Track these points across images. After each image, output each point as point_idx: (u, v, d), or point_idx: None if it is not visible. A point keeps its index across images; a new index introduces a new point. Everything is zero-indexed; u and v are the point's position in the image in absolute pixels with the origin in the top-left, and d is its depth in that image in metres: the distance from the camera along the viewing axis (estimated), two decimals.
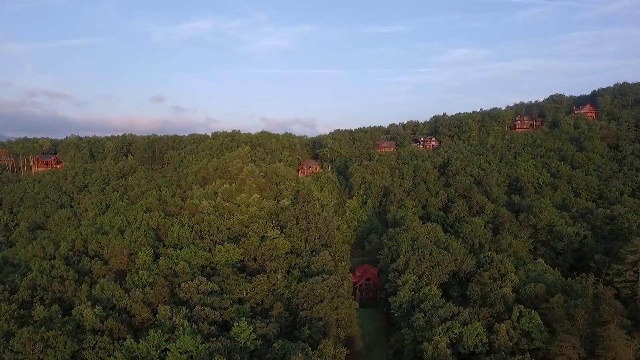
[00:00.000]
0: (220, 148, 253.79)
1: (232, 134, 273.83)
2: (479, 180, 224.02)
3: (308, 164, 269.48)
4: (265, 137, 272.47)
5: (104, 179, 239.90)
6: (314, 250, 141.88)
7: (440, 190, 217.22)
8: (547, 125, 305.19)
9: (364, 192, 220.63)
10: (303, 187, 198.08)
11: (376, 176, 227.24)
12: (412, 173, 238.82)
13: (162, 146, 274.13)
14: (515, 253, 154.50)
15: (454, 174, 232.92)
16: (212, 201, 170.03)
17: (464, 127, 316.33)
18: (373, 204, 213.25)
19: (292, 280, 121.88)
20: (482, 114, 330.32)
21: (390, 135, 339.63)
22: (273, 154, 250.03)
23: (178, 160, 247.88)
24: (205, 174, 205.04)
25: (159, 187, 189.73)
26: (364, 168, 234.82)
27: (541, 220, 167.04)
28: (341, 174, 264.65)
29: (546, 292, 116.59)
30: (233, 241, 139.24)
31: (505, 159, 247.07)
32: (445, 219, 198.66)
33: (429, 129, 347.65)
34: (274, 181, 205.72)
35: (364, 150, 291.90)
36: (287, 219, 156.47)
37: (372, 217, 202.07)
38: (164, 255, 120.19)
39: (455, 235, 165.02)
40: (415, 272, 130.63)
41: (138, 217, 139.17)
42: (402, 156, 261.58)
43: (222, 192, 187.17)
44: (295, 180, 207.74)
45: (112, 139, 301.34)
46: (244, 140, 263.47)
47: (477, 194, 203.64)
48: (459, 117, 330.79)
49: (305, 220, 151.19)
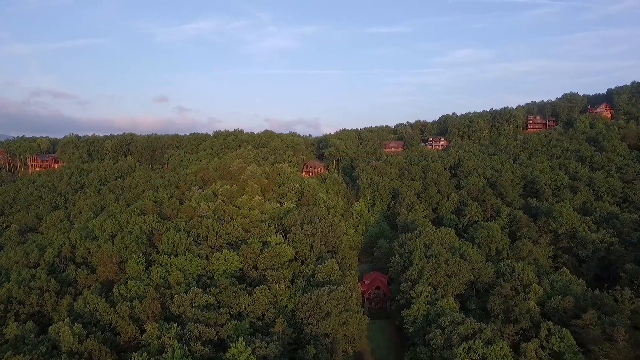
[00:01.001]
0: (221, 147, 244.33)
1: (235, 133, 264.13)
2: (492, 182, 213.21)
3: (313, 164, 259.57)
4: (269, 137, 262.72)
5: (101, 179, 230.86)
6: (319, 258, 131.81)
7: (452, 192, 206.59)
8: (561, 125, 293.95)
9: (371, 194, 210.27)
10: (308, 189, 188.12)
11: (384, 177, 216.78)
12: (421, 174, 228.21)
13: (162, 145, 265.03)
14: (536, 261, 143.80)
15: (465, 176, 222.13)
16: (211, 203, 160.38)
17: (474, 126, 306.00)
18: (381, 206, 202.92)
19: (296, 291, 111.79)
20: (492, 114, 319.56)
21: (398, 135, 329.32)
22: (276, 153, 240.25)
23: (178, 160, 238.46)
24: (205, 175, 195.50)
25: (156, 188, 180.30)
26: (371, 169, 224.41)
27: (562, 226, 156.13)
28: (347, 175, 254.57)
29: (575, 306, 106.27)
30: (233, 247, 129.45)
31: (519, 160, 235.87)
32: (457, 223, 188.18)
33: (437, 129, 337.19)
34: (277, 182, 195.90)
35: (370, 150, 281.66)
36: (290, 223, 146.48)
37: (380, 221, 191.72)
38: (156, 263, 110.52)
39: (470, 241, 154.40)
40: (430, 282, 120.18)
41: (131, 221, 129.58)
42: (410, 157, 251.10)
43: (222, 194, 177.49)
44: (299, 182, 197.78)
45: (111, 138, 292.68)
46: (247, 140, 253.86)
47: (491, 197, 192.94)
48: (468, 116, 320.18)
49: (310, 225, 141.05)
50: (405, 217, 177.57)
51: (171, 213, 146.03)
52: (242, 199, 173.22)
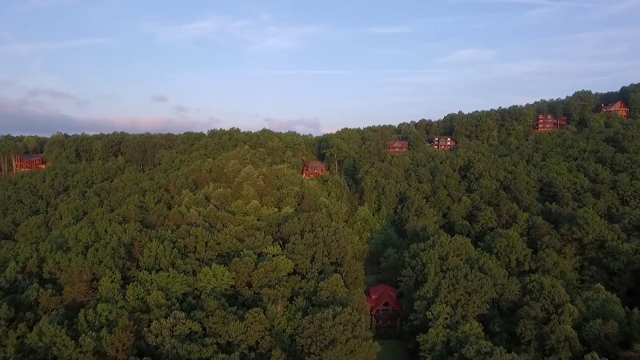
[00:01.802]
0: (216, 147, 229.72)
1: (230, 132, 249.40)
2: (505, 185, 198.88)
3: (313, 165, 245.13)
4: (267, 136, 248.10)
5: (87, 181, 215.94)
6: (322, 272, 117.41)
7: (463, 196, 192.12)
8: (574, 124, 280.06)
9: (376, 198, 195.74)
10: (308, 192, 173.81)
11: (390, 180, 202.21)
12: (429, 176, 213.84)
13: (153, 145, 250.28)
14: (563, 274, 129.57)
15: (476, 178, 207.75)
16: (202, 209, 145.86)
17: (482, 126, 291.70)
18: (387, 211, 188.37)
19: (296, 312, 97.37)
20: (500, 113, 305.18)
21: (402, 135, 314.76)
22: (275, 154, 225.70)
23: (169, 161, 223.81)
24: (197, 177, 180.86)
25: (143, 191, 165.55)
26: (376, 170, 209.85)
27: (588, 234, 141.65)
28: (350, 176, 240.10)
29: (619, 332, 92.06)
30: (224, 260, 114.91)
31: (533, 161, 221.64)
32: (470, 230, 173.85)
33: (443, 129, 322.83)
34: (275, 185, 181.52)
35: (374, 150, 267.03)
36: (289, 231, 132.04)
37: (387, 227, 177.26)
38: (135, 280, 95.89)
39: (487, 250, 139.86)
40: (448, 301, 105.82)
41: (109, 230, 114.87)
42: (417, 157, 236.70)
43: (215, 198, 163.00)
44: (299, 184, 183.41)
45: (101, 138, 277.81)
46: (243, 139, 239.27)
47: (506, 201, 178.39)
48: (475, 115, 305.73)
49: (311, 234, 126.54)
50: (415, 223, 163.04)
51: (157, 220, 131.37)
52: (236, 203, 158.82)
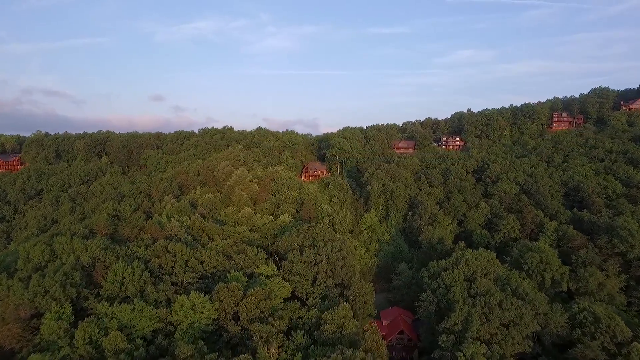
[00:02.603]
0: (207, 147, 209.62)
1: (223, 131, 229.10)
2: (526, 189, 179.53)
3: (313, 167, 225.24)
4: (262, 135, 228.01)
5: (64, 184, 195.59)
6: (325, 297, 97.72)
7: (481, 202, 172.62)
8: (591, 122, 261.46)
9: (384, 204, 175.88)
10: (308, 198, 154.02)
11: (399, 183, 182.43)
12: (441, 179, 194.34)
13: (139, 145, 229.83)
14: (611, 297, 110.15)
15: (493, 181, 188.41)
16: (185, 218, 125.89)
17: (492, 125, 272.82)
18: (396, 218, 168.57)
19: (294, 354, 77.53)
20: (512, 111, 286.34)
21: (407, 134, 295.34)
22: (271, 154, 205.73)
23: (154, 162, 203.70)
24: (183, 180, 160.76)
25: (121, 197, 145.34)
26: (383, 173, 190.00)
27: (634, 248, 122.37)
28: (353, 179, 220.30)
29: None
30: (207, 283, 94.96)
31: (554, 162, 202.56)
32: (489, 240, 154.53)
33: (450, 128, 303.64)
34: (271, 189, 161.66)
35: (378, 150, 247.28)
36: (287, 246, 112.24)
37: (396, 237, 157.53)
38: (91, 314, 75.87)
39: (516, 267, 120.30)
40: (481, 335, 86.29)
41: (67, 248, 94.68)
42: (426, 158, 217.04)
43: (202, 205, 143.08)
44: (298, 189, 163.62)
45: (84, 137, 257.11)
46: (237, 139, 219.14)
47: (530, 208, 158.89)
48: (486, 113, 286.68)
49: (312, 250, 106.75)
50: (431, 234, 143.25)
51: (130, 233, 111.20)
52: (226, 211, 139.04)
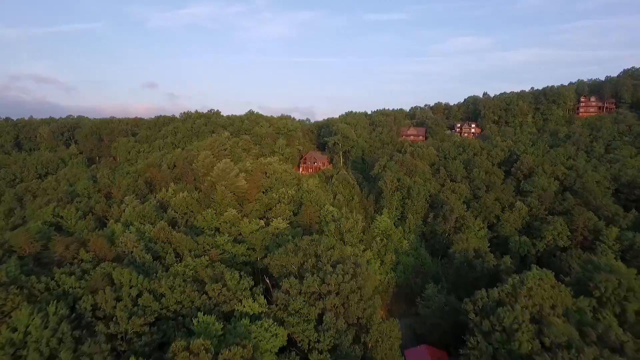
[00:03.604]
0: (188, 134, 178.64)
1: (208, 115, 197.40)
2: (566, 185, 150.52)
3: (313, 157, 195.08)
4: (253, 120, 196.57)
5: (14, 178, 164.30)
6: (336, 347, 68.35)
7: (516, 201, 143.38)
8: (625, 107, 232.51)
9: (399, 202, 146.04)
10: (308, 197, 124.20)
11: (416, 178, 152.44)
12: (464, 173, 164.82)
13: (111, 131, 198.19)
14: None
15: (525, 175, 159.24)
16: (149, 227, 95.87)
17: (512, 110, 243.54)
18: (415, 221, 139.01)
19: None
20: (534, 94, 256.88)
21: (417, 120, 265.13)
22: (263, 143, 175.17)
23: (125, 152, 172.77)
24: (153, 175, 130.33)
25: (72, 197, 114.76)
26: (397, 165, 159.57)
27: None
28: (358, 171, 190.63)
29: None
30: (165, 330, 65.28)
31: (594, 153, 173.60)
32: (529, 249, 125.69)
33: (464, 113, 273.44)
34: (262, 186, 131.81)
35: (387, 139, 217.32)
36: (281, 267, 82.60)
37: (417, 245, 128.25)
38: None
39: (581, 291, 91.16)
40: None
41: None
42: (444, 148, 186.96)
43: (174, 207, 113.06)
44: (295, 185, 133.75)
45: (50, 122, 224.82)
46: (224, 124, 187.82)
47: (582, 210, 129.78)
48: (504, 97, 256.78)
49: (316, 276, 76.99)
50: (464, 245, 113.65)
51: (65, 252, 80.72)
52: (205, 214, 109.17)
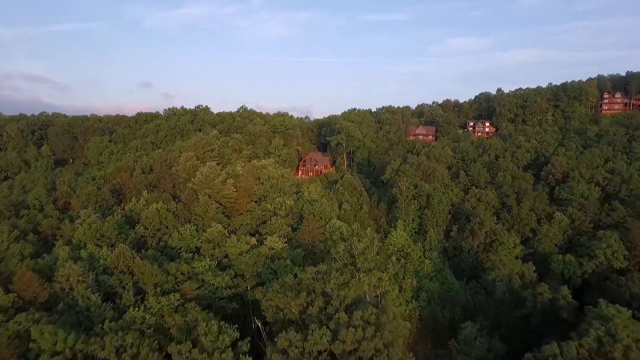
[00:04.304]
0: (171, 133, 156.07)
1: (195, 112, 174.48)
2: (610, 192, 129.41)
3: (313, 159, 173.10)
4: (246, 117, 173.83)
5: None
6: None
7: (554, 211, 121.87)
8: None
9: (416, 213, 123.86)
10: (311, 209, 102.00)
11: (436, 184, 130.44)
12: (487, 177, 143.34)
13: (85, 130, 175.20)
14: None
15: (558, 180, 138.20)
16: (105, 251, 73.44)
17: (530, 107, 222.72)
18: (437, 236, 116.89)
19: None
20: (552, 90, 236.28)
21: (426, 118, 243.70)
22: (257, 143, 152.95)
23: (96, 154, 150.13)
24: (124, 181, 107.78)
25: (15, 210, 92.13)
26: (412, 168, 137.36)
27: None
28: (364, 174, 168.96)
29: None
30: None
31: (634, 154, 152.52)
32: (574, 269, 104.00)
33: (476, 111, 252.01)
34: (255, 194, 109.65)
35: (394, 138, 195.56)
36: (277, 310, 60.48)
37: (441, 267, 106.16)
38: None
39: None
40: None
41: None
42: (462, 148, 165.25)
43: (145, 222, 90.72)
44: (295, 193, 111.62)
45: (19, 119, 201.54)
46: (212, 121, 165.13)
47: (637, 223, 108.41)
48: (520, 94, 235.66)
49: (326, 328, 54.83)
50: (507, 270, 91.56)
51: None
52: (183, 231, 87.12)
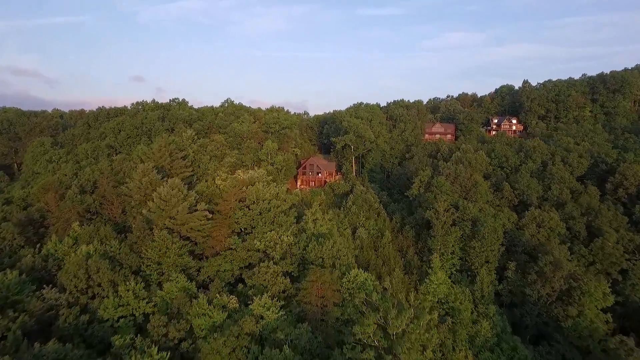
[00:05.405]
0: (135, 134, 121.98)
1: (167, 106, 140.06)
2: None
3: (315, 165, 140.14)
4: (231, 113, 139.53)
5: None
6: None
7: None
8: None
9: (458, 244, 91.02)
10: (317, 250, 69.24)
11: (481, 202, 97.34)
12: (539, 191, 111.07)
13: (30, 129, 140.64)
14: None
15: (632, 196, 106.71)
16: None
17: (564, 101, 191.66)
18: (489, 277, 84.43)
19: None
20: (589, 82, 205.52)
21: (441, 114, 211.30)
22: (244, 146, 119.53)
23: (31, 162, 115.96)
24: (50, 206, 74.36)
25: None
26: (448, 181, 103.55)
27: None
28: (377, 183, 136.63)
29: None
30: None
31: None
32: None
33: (499, 106, 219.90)
34: (238, 223, 76.73)
35: (410, 139, 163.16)
36: None
37: (501, 326, 73.87)
38: None
39: None
40: None
41: None
42: (499, 152, 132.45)
43: (63, 279, 57.71)
44: (292, 224, 78.69)
45: None
46: (188, 119, 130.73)
47: None
48: (550, 86, 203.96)
49: None
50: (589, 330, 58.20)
51: None
52: (124, 290, 54.44)
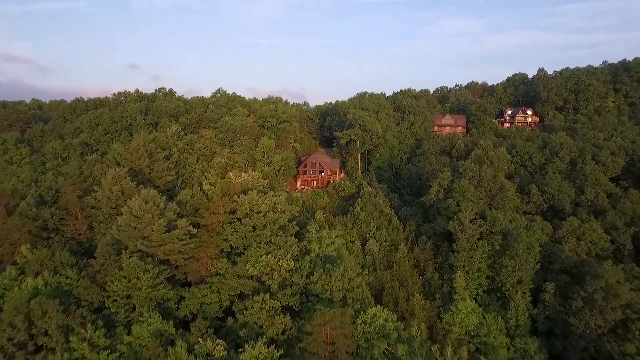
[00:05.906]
0: (113, 129, 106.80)
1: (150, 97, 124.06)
2: None
3: (317, 163, 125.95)
4: (223, 105, 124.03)
5: None
6: None
7: None
8: None
9: (485, 261, 77.40)
10: (325, 281, 55.55)
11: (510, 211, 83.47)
12: (572, 196, 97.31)
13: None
14: None
15: None
16: None
17: (583, 90, 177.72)
18: (524, 303, 70.99)
19: None
20: (610, 69, 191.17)
21: (451, 105, 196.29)
22: (237, 143, 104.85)
23: None
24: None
25: None
26: (471, 186, 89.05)
27: None
28: (386, 182, 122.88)
29: None
30: None
31: None
32: None
33: (512, 97, 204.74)
34: (227, 241, 62.72)
35: (420, 131, 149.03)
36: None
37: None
38: None
39: None
40: None
41: None
42: (521, 148, 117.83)
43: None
44: (293, 243, 64.71)
45: None
46: (174, 112, 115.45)
47: None
48: (568, 73, 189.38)
49: None
50: None
51: None
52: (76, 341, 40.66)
